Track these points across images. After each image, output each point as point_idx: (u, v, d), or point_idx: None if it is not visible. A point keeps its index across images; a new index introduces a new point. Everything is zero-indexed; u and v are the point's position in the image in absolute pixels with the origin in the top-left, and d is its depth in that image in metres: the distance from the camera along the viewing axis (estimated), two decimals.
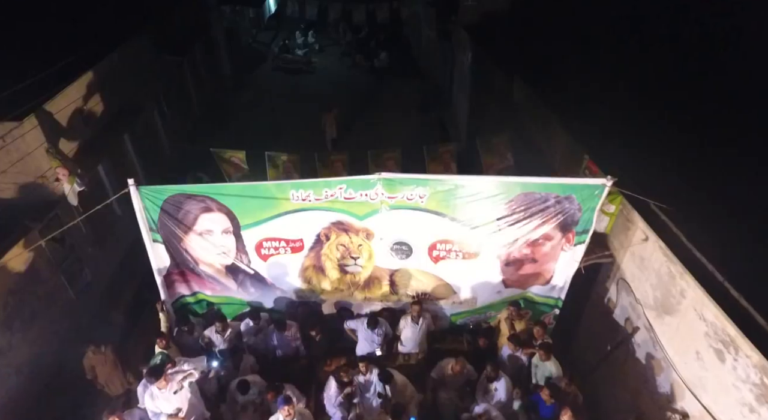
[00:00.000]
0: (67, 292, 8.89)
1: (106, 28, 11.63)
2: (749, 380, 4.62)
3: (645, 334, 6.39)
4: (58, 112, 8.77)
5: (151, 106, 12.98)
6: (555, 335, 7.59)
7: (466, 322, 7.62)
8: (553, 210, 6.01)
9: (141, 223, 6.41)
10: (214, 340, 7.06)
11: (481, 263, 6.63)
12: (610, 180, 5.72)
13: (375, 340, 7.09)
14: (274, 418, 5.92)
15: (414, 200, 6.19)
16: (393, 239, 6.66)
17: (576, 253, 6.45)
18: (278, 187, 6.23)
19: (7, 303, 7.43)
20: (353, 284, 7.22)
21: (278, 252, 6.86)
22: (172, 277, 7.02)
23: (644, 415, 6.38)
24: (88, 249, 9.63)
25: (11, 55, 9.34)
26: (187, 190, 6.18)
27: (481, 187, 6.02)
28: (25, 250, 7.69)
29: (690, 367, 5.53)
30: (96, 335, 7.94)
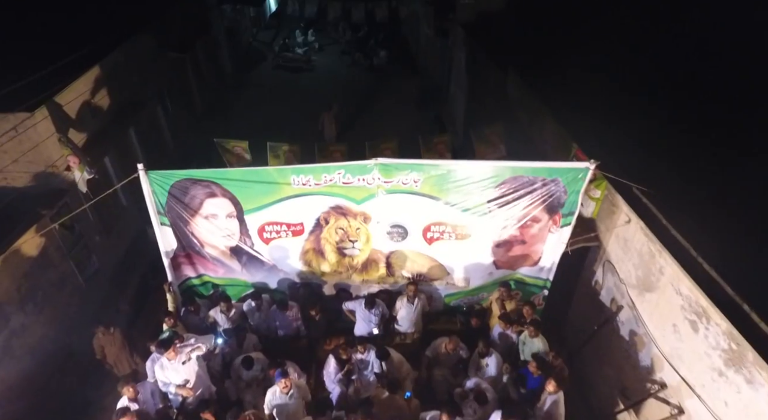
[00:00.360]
0: (76, 278, 9.23)
1: (111, 24, 11.96)
2: (719, 347, 4.96)
3: (628, 312, 6.74)
4: (67, 104, 9.11)
5: (154, 102, 13.31)
6: (547, 318, 7.93)
7: (460, 303, 7.96)
8: (540, 192, 6.35)
9: (150, 207, 6.74)
10: (219, 320, 7.39)
11: (473, 244, 6.97)
12: (593, 163, 6.07)
13: (372, 320, 7.42)
14: (272, 391, 6.26)
15: (409, 185, 6.54)
16: (389, 222, 7.00)
17: (562, 234, 6.79)
18: (280, 173, 6.56)
19: (21, 286, 7.76)
20: (351, 267, 7.56)
21: (279, 236, 7.20)
22: (179, 259, 7.35)
23: (627, 390, 6.73)
24: (95, 237, 9.95)
25: (22, 49, 9.70)
26: (193, 175, 6.51)
27: (472, 171, 6.37)
28: (37, 236, 8.05)
29: (668, 339, 5.87)
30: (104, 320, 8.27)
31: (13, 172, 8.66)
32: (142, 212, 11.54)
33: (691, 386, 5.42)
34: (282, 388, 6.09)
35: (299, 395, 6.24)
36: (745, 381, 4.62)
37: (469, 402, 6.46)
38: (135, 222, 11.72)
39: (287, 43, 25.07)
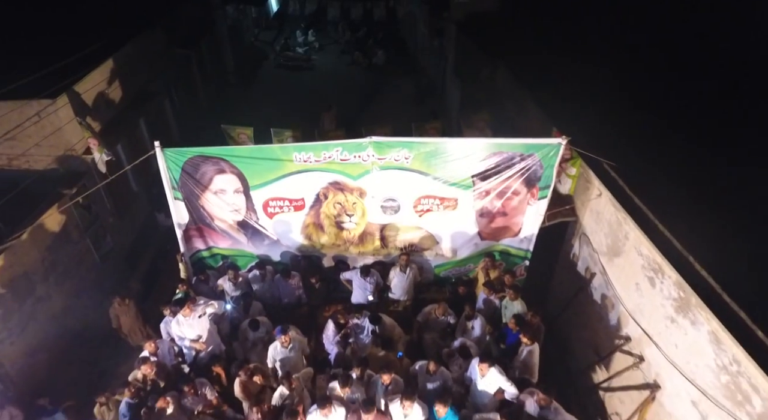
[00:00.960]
0: (93, 255, 9.91)
1: (123, 19, 12.67)
2: (671, 297, 5.63)
3: (600, 278, 7.40)
4: (85, 92, 9.80)
5: (162, 94, 13.99)
6: (530, 289, 8.57)
7: (449, 274, 8.62)
8: (518, 167, 7.03)
9: (165, 182, 7.41)
10: (227, 288, 8.06)
11: (459, 216, 7.65)
12: (565, 139, 6.75)
13: (367, 288, 8.08)
14: (273, 346, 6.93)
15: (400, 161, 7.21)
16: (383, 197, 7.67)
17: (540, 207, 7.47)
18: (283, 150, 7.25)
19: (44, 258, 8.45)
20: (348, 240, 8.23)
21: (282, 210, 7.87)
22: (191, 232, 8.02)
23: (599, 347, 7.40)
24: (109, 219, 10.63)
25: (42, 41, 10.38)
26: (204, 152, 7.19)
27: (457, 148, 7.05)
28: (58, 213, 8.72)
29: (631, 297, 6.55)
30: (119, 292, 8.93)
31: (35, 155, 9.34)
32: (152, 199, 12.32)
33: (650, 335, 6.09)
34: (283, 343, 6.75)
35: (298, 348, 6.91)
36: (690, 323, 5.29)
37: (455, 360, 7.11)
38: (145, 209, 12.43)
39: (288, 43, 25.78)
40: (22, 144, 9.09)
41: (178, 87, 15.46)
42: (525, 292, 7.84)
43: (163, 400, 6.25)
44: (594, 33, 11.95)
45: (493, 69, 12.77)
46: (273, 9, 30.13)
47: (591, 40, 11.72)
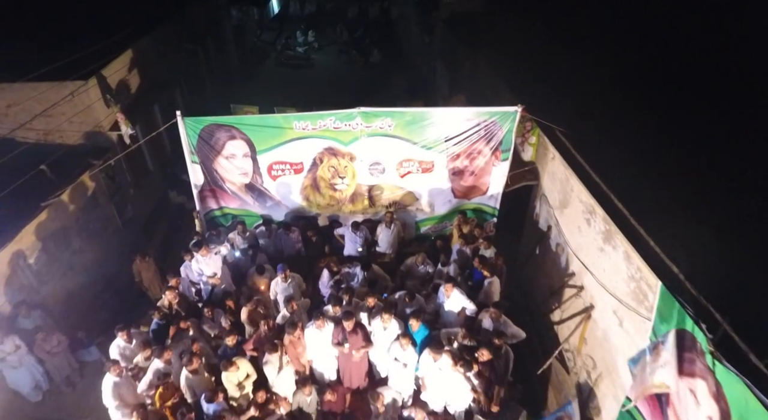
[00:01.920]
0: (116, 220, 11.23)
1: (140, 14, 14.04)
2: (600, 230, 6.94)
3: (555, 230, 8.71)
4: (109, 76, 11.12)
5: (173, 85, 15.33)
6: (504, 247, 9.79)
7: (429, 231, 9.92)
8: (483, 131, 8.36)
9: (185, 147, 8.71)
10: (237, 241, 9.34)
11: (435, 175, 8.97)
12: (520, 107, 8.08)
13: (357, 241, 9.37)
14: (275, 281, 8.21)
15: (384, 128, 8.54)
16: (370, 160, 8.98)
17: (503, 168, 8.80)
18: (285, 119, 8.57)
19: (79, 217, 9.76)
20: (341, 200, 9.53)
21: (284, 173, 9.18)
22: (205, 192, 9.32)
23: (552, 286, 8.69)
24: (130, 191, 11.95)
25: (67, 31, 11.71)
26: (218, 120, 8.51)
27: (432, 116, 8.39)
28: (89, 180, 10.05)
29: (575, 238, 7.85)
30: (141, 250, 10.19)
31: (67, 131, 10.66)
32: (165, 178, 13.64)
33: (587, 266, 7.38)
34: (282, 278, 8.05)
35: (296, 283, 8.21)
36: (612, 248, 6.59)
37: (432, 299, 8.39)
38: (159, 186, 13.76)
39: (289, 43, 27.20)
40: (56, 120, 10.39)
41: (187, 79, 16.79)
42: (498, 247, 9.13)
43: (184, 323, 7.56)
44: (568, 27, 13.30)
45: (474, 60, 14.15)
46: (274, 10, 31.54)
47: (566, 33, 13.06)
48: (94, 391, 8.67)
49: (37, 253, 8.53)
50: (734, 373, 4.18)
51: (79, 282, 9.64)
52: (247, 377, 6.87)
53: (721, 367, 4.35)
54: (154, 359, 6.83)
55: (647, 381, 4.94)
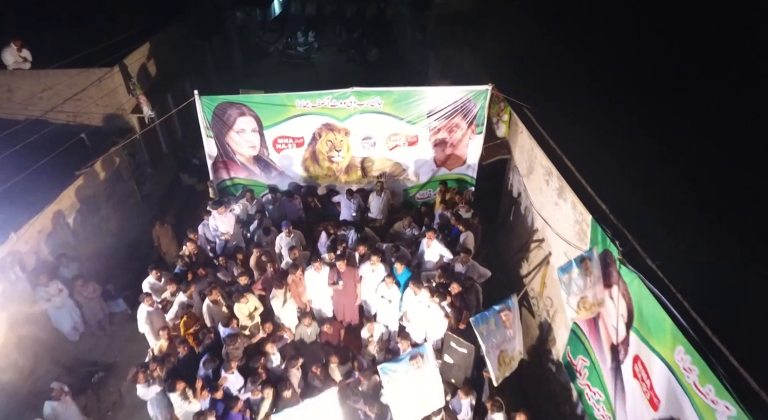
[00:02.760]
0: (137, 194, 12.53)
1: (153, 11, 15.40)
2: (554, 186, 8.23)
3: (524, 195, 10.00)
4: (130, 65, 12.43)
5: (184, 76, 16.65)
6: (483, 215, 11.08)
7: (415, 198, 11.20)
8: (460, 108, 9.67)
9: (201, 123, 10.01)
10: (246, 207, 10.64)
11: (420, 147, 10.28)
12: (491, 86, 9.40)
13: (352, 207, 10.65)
14: (279, 236, 9.48)
15: (375, 106, 9.85)
16: (362, 135, 10.29)
17: (478, 141, 10.11)
18: (288, 98, 9.87)
19: (106, 187, 11.06)
20: (337, 171, 10.83)
21: (287, 147, 10.49)
22: (218, 164, 10.61)
23: (521, 244, 9.98)
24: (148, 169, 13.26)
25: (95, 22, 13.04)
26: (230, 99, 9.82)
27: (416, 94, 9.70)
28: (114, 156, 11.35)
29: (537, 199, 9.13)
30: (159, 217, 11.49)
31: (93, 113, 11.95)
32: (178, 161, 14.93)
33: (546, 220, 8.68)
34: (286, 233, 9.34)
35: (298, 238, 9.50)
36: (564, 201, 7.88)
37: (415, 254, 9.67)
38: (173, 168, 15.06)
39: (290, 43, 28.56)
40: (84, 104, 11.69)
41: (196, 72, 18.10)
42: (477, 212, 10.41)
43: (202, 270, 8.86)
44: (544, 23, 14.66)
45: (461, 53, 15.51)
46: (276, 12, 32.94)
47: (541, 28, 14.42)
48: (122, 336, 10.05)
49: (74, 214, 9.83)
50: (634, 271, 5.47)
51: (107, 243, 10.93)
52: (256, 309, 8.14)
53: (625, 269, 5.65)
54: (180, 294, 8.12)
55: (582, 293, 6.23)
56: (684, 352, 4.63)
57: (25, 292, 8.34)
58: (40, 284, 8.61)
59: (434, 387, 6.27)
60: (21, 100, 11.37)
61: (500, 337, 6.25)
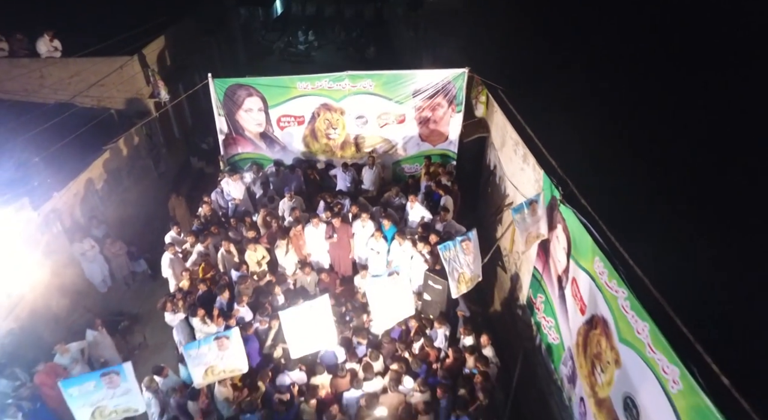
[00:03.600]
0: (153, 171, 13.89)
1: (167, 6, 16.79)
2: (520, 154, 9.57)
3: (498, 166, 11.33)
4: (148, 55, 13.81)
5: (192, 69, 18.01)
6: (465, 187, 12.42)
7: (404, 171, 12.55)
8: (441, 88, 11.03)
9: (213, 102, 11.35)
10: (253, 179, 11.99)
11: (407, 125, 11.62)
12: (467, 68, 10.76)
13: (347, 179, 11.99)
14: (282, 201, 10.82)
15: (366, 87, 11.20)
16: (356, 114, 11.63)
17: (458, 119, 11.47)
18: (290, 80, 11.23)
19: (127, 162, 12.43)
20: (334, 147, 12.18)
21: (289, 125, 11.84)
22: (229, 140, 11.96)
23: (496, 210, 11.32)
24: (162, 150, 14.62)
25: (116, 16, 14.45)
26: (239, 81, 11.17)
27: (403, 77, 11.06)
28: (134, 135, 12.72)
29: (508, 167, 10.47)
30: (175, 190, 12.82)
31: (114, 97, 13.33)
32: (189, 146, 16.29)
33: (515, 185, 10.02)
34: (288, 197, 10.68)
35: (299, 203, 10.83)
36: (527, 165, 9.23)
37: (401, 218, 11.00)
38: (184, 152, 16.42)
39: (291, 41, 29.98)
40: (107, 89, 13.08)
41: (203, 66, 19.45)
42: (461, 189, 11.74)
43: (215, 228, 10.20)
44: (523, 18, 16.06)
45: (449, 47, 16.88)
46: (278, 11, 34.40)
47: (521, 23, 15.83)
48: (143, 292, 11.41)
49: (102, 183, 11.20)
50: (569, 207, 6.82)
51: (128, 212, 12.28)
52: (263, 258, 9.49)
53: (564, 207, 7.00)
54: (198, 244, 9.46)
55: (529, 229, 7.58)
56: (599, 260, 5.97)
57: (64, 245, 9.68)
58: (76, 240, 9.96)
59: (406, 299, 7.65)
60: (51, 85, 12.72)
61: (461, 261, 7.62)
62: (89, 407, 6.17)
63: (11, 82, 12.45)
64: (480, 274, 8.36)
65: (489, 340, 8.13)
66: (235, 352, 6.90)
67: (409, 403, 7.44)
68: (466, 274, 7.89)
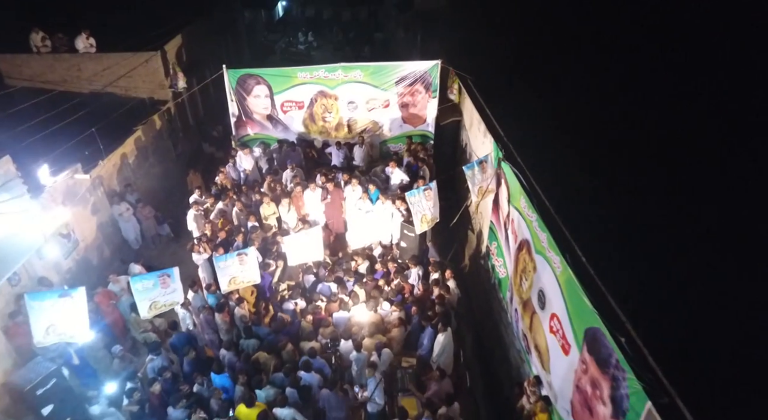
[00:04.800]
0: (172, 152, 15.99)
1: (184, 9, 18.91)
2: (482, 130, 11.65)
3: (468, 143, 13.42)
4: (168, 51, 15.91)
5: (204, 64, 20.10)
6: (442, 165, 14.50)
7: (389, 149, 14.64)
8: (419, 77, 13.12)
9: (227, 89, 13.45)
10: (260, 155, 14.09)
11: (391, 110, 13.71)
12: (440, 60, 12.86)
13: (340, 156, 14.06)
14: (286, 172, 12.91)
15: (357, 77, 13.30)
16: (348, 99, 13.72)
17: (434, 103, 13.56)
18: (292, 70, 13.33)
19: (152, 142, 14.51)
20: (329, 128, 14.28)
21: (291, 109, 13.94)
22: (240, 122, 14.06)
23: None
24: (180, 134, 16.72)
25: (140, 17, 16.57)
26: (249, 72, 13.26)
27: (387, 68, 13.15)
28: (157, 118, 14.82)
29: (474, 143, 12.55)
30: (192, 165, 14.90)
31: (140, 87, 15.42)
32: (201, 132, 18.38)
33: (478, 156, 12.09)
34: (290, 169, 12.77)
35: (299, 173, 12.93)
36: (485, 138, 11.30)
37: None
38: (196, 137, 18.50)
39: (292, 41, 32.12)
40: (134, 80, 15.17)
41: (213, 63, 21.56)
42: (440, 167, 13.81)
43: (231, 192, 12.29)
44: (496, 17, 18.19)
45: (432, 43, 19.00)
46: (279, 14, 36.57)
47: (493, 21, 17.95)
48: (167, 251, 13.44)
49: (133, 157, 13.29)
50: (506, 163, 8.90)
51: (153, 185, 14.38)
52: (273, 214, 11.58)
53: (504, 163, 9.08)
54: (219, 203, 11.57)
55: (480, 183, 9.67)
56: (523, 199, 8.05)
57: (106, 206, 11.77)
58: (115, 203, 12.05)
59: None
60: (87, 77, 14.82)
61: (424, 205, 9.74)
62: (147, 301, 8.23)
63: (53, 74, 14.55)
64: (438, 217, 10.47)
65: (452, 274, 10.19)
66: (251, 267, 8.99)
67: (386, 320, 9.51)
68: (428, 215, 9.99)
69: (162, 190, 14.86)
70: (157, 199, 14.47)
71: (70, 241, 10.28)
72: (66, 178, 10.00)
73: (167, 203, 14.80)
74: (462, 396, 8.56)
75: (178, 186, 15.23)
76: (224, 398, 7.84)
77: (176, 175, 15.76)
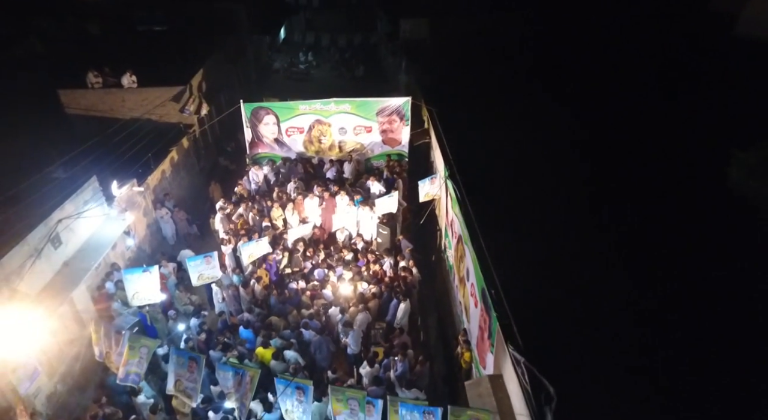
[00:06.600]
0: (197, 166, 19.54)
1: (204, 44, 22.49)
2: (437, 146, 15.17)
3: (434, 160, 16.94)
4: (193, 84, 19.48)
5: (220, 91, 23.69)
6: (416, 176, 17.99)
7: (372, 164, 18.15)
8: (395, 109, 16.67)
9: (243, 119, 17.00)
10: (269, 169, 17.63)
11: (373, 134, 17.24)
12: (410, 97, 16.42)
13: (333, 170, 17.55)
14: (290, 184, 16.46)
15: (345, 109, 16.85)
16: (339, 126, 17.26)
17: (407, 130, 17.10)
18: (295, 104, 16.87)
19: (183, 159, 18.03)
20: (324, 149, 17.81)
21: (294, 133, 17.47)
22: (253, 144, 17.60)
23: None
24: (202, 151, 20.27)
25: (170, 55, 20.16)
26: (260, 105, 16.82)
27: (370, 102, 16.70)
28: (186, 140, 18.37)
29: (438, 162, 16.07)
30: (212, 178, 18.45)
31: (171, 114, 18.96)
32: (217, 149, 21.95)
33: (439, 170, 15.60)
34: (293, 181, 16.31)
35: (300, 185, 16.47)
36: (439, 152, 14.84)
37: None
38: (214, 153, 22.08)
39: (293, 61, 35.71)
40: (166, 109, 18.72)
41: (227, 87, 25.19)
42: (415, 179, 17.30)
43: (247, 200, 15.82)
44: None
45: (417, 71, 22.60)
46: (282, 37, 40.27)
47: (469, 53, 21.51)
48: (195, 247, 16.91)
49: (169, 172, 16.82)
50: (450, 181, 12.42)
51: (183, 194, 17.90)
52: (280, 216, 15.10)
53: (448, 181, 12.60)
54: (240, 208, 15.10)
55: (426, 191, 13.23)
56: (458, 207, 11.56)
57: (150, 210, 15.31)
58: (157, 208, 15.58)
59: (364, 225, 13.31)
60: (129, 107, 18.38)
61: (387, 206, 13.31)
62: (197, 273, 11.72)
63: (103, 105, 18.12)
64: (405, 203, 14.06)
65: (414, 263, 13.69)
66: (263, 246, 12.61)
67: (365, 295, 13.02)
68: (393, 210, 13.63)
69: (189, 197, 18.38)
70: (186, 205, 17.96)
71: (131, 237, 13.80)
72: (127, 190, 13.51)
73: (194, 208, 18.29)
74: (417, 347, 12.07)
75: (201, 194, 18.75)
76: (248, 347, 11.32)
77: (200, 185, 19.28)
